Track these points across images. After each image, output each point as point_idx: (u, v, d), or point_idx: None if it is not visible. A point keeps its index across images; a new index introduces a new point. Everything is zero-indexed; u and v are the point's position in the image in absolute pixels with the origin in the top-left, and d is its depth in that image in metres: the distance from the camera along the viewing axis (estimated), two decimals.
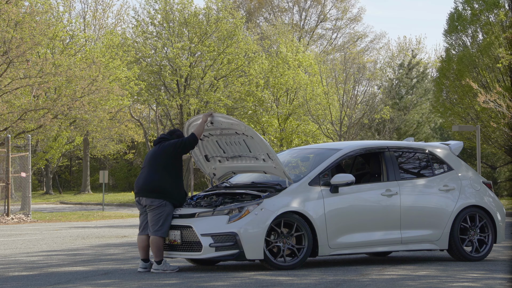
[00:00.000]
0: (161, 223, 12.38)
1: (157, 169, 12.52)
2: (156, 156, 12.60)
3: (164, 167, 12.52)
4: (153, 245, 12.38)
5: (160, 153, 12.59)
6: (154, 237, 12.38)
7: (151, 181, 12.50)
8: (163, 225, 12.39)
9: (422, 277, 11.48)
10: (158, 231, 12.36)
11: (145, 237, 12.54)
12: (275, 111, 52.37)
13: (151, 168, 12.58)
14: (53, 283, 11.41)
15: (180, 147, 12.63)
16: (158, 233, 12.36)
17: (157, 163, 12.55)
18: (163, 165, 12.51)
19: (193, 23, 52.81)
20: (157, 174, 12.50)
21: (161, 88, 54.77)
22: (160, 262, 12.41)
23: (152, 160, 12.62)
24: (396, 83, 56.19)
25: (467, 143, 38.26)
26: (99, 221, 30.93)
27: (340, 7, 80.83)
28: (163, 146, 12.65)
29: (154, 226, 12.39)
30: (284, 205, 12.42)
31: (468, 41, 38.62)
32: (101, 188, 66.98)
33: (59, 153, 55.07)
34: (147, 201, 12.48)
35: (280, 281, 11.15)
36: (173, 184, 12.53)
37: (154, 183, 12.47)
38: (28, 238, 21.19)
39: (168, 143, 12.66)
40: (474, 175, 14.21)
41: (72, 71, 39.59)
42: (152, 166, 12.58)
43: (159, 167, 12.51)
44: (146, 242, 12.52)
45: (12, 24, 35.73)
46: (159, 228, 12.37)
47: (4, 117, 36.31)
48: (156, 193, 12.44)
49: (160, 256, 12.40)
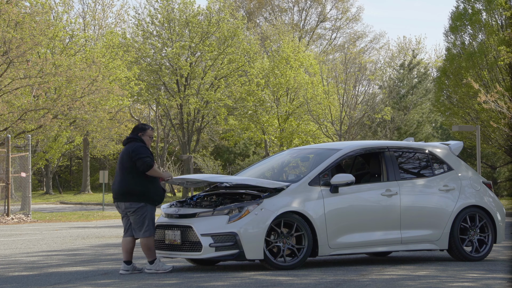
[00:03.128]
0: (146, 224, 12.34)
1: (126, 172, 12.38)
2: (123, 160, 12.46)
3: (131, 170, 12.34)
4: (144, 247, 12.36)
5: (125, 157, 12.41)
6: (143, 239, 12.33)
7: (124, 185, 12.37)
8: (148, 225, 12.35)
9: (422, 277, 11.48)
10: (145, 232, 12.31)
11: (129, 239, 12.48)
12: (275, 111, 52.37)
13: (121, 172, 12.45)
14: (53, 283, 11.41)
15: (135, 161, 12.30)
16: (146, 234, 12.31)
17: (124, 167, 12.41)
18: (129, 168, 12.35)
19: (194, 23, 52.82)
20: (127, 178, 12.35)
21: (161, 88, 54.77)
22: (152, 262, 12.38)
23: (120, 164, 12.50)
24: (397, 83, 56.19)
25: (467, 143, 38.25)
26: (99, 221, 30.93)
27: (340, 7, 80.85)
28: (127, 150, 12.42)
29: (140, 228, 12.34)
30: (284, 205, 12.41)
31: (469, 40, 38.63)
32: (101, 188, 66.99)
33: (59, 153, 55.02)
34: (126, 205, 12.41)
35: (280, 281, 11.15)
36: (145, 184, 12.35)
37: (127, 187, 12.35)
38: (28, 238, 21.19)
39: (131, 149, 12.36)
40: (474, 175, 14.21)
41: (72, 71, 39.59)
42: (122, 170, 12.45)
43: (127, 170, 12.37)
44: (130, 244, 12.46)
45: (12, 24, 35.75)
46: (146, 229, 12.32)
47: (4, 117, 36.31)
48: (132, 196, 12.34)
49: (152, 256, 12.38)
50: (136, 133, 12.65)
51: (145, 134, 12.65)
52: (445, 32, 39.69)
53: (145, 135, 12.64)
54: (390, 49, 75.26)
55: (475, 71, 36.69)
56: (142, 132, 12.64)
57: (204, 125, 55.99)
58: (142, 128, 12.68)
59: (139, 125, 12.78)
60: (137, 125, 12.83)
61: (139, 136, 12.61)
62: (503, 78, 36.22)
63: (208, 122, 55.67)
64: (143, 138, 12.61)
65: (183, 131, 54.94)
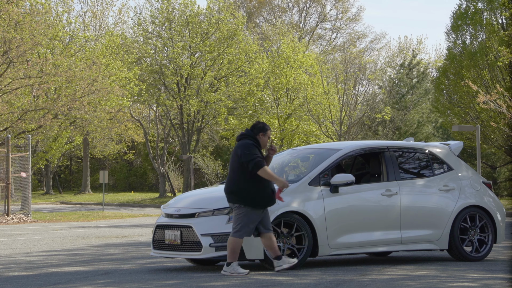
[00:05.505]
0: (238, 224, 11.89)
1: (233, 171, 12.07)
2: (233, 157, 12.17)
3: (238, 169, 12.03)
4: (229, 245, 11.89)
5: (234, 155, 12.11)
6: (230, 238, 11.93)
7: (229, 184, 12.07)
8: (242, 227, 11.87)
9: (422, 277, 11.48)
10: (236, 232, 11.90)
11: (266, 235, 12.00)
12: (275, 111, 52.37)
13: (230, 170, 12.16)
14: (53, 283, 11.41)
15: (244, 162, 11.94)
16: (236, 234, 11.89)
17: (232, 165, 12.11)
18: (236, 167, 12.04)
19: (194, 23, 52.81)
20: (234, 177, 12.05)
21: (161, 88, 54.75)
22: (230, 264, 11.92)
23: (230, 161, 12.21)
24: (397, 83, 56.19)
25: (467, 143, 38.26)
26: (99, 221, 30.93)
27: (340, 7, 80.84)
28: (238, 148, 12.09)
29: (234, 227, 11.95)
30: (284, 205, 12.41)
31: (470, 40, 38.64)
32: (101, 188, 66.97)
33: (59, 153, 55.06)
34: (230, 204, 12.12)
35: (280, 281, 11.15)
36: (249, 185, 11.93)
37: (231, 187, 12.03)
38: (28, 238, 21.19)
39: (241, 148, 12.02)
40: (474, 175, 14.21)
41: (72, 71, 39.60)
42: (231, 168, 12.16)
43: (234, 169, 12.06)
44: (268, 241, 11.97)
45: (12, 24, 35.75)
46: (238, 229, 11.89)
47: (4, 117, 36.32)
48: (233, 196, 12.01)
49: (233, 258, 11.89)
50: (256, 132, 12.21)
51: (265, 135, 12.22)
52: (446, 31, 39.72)
53: (265, 136, 12.21)
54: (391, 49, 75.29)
55: (476, 71, 36.70)
56: (263, 133, 12.20)
57: (204, 125, 55.99)
58: (263, 128, 12.22)
59: (261, 124, 12.29)
60: (258, 123, 12.31)
61: (254, 135, 12.21)
62: (503, 78, 36.23)
63: (208, 122, 55.66)
64: (262, 138, 12.19)
65: (183, 131, 54.93)
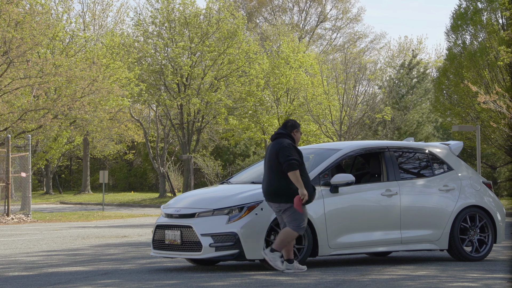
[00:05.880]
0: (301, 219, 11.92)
1: (273, 172, 12.02)
2: (270, 158, 12.10)
3: (278, 169, 11.99)
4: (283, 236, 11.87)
5: (273, 155, 12.06)
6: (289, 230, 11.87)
7: (271, 185, 12.00)
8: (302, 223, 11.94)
9: (422, 277, 11.48)
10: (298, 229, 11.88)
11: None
12: (275, 111, 52.36)
13: (269, 171, 12.11)
14: (53, 283, 11.40)
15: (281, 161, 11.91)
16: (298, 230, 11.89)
17: (271, 166, 12.06)
18: (276, 167, 12.00)
19: (194, 23, 52.80)
20: (275, 178, 11.98)
21: (162, 88, 54.75)
22: (273, 250, 11.91)
23: (267, 162, 12.15)
24: (397, 83, 56.19)
25: (467, 143, 38.26)
26: (99, 221, 30.93)
27: (340, 7, 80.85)
28: (275, 147, 12.07)
29: (293, 224, 11.92)
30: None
31: (470, 40, 38.64)
32: (101, 188, 66.97)
33: (59, 153, 55.04)
34: (275, 205, 12.06)
35: (280, 281, 11.14)
36: (288, 185, 11.92)
37: (274, 188, 11.97)
38: (28, 238, 21.19)
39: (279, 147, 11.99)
40: (474, 175, 14.20)
41: (72, 71, 39.59)
42: (269, 168, 12.10)
43: (274, 169, 12.02)
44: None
45: (12, 24, 35.75)
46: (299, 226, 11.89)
47: (4, 117, 36.32)
48: (280, 197, 11.95)
49: (281, 248, 11.92)
50: (289, 129, 12.22)
51: (298, 131, 12.29)
52: (446, 31, 39.71)
53: (298, 132, 12.29)
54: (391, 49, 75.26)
55: (476, 71, 36.70)
56: (297, 129, 12.25)
57: (204, 125, 55.99)
58: (295, 125, 12.25)
59: (292, 121, 12.29)
60: (289, 121, 12.30)
61: (290, 133, 12.24)
62: (503, 78, 36.23)
63: (208, 122, 55.66)
64: (296, 135, 12.26)
65: (183, 131, 54.93)
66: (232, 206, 12.34)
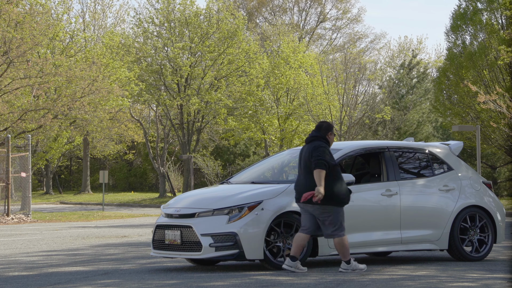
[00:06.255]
0: (335, 224, 11.96)
1: (310, 173, 12.00)
2: (306, 160, 12.12)
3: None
4: (338, 246, 11.96)
5: (308, 156, 12.08)
6: (336, 239, 11.97)
7: (309, 187, 11.98)
8: (339, 226, 11.98)
9: (422, 277, 11.48)
10: (336, 232, 11.96)
11: (306, 237, 12.08)
12: (275, 111, 52.36)
13: (305, 173, 12.11)
14: (53, 283, 11.40)
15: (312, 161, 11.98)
16: (336, 234, 11.96)
17: (308, 167, 12.05)
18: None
19: (194, 24, 52.80)
20: (312, 179, 11.96)
21: (162, 88, 54.75)
22: (349, 262, 12.03)
23: (303, 164, 12.15)
24: (397, 83, 56.20)
25: (467, 143, 38.26)
26: (99, 221, 30.93)
27: (340, 7, 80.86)
28: (310, 150, 12.11)
29: (329, 229, 11.99)
30: (284, 205, 12.41)
31: (469, 40, 38.64)
32: (101, 188, 66.97)
33: (59, 153, 55.06)
34: (312, 207, 12.04)
35: (280, 281, 11.15)
36: (330, 185, 11.97)
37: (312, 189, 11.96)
38: (28, 238, 21.19)
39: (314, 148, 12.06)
40: (474, 175, 14.20)
41: (72, 71, 39.59)
42: (305, 170, 12.10)
43: (311, 171, 12.01)
44: (304, 242, 12.07)
45: (12, 24, 35.75)
46: (336, 229, 11.95)
47: (4, 117, 36.32)
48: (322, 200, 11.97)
49: (347, 256, 12.02)
50: (324, 132, 12.27)
51: (332, 133, 12.35)
52: (446, 31, 39.72)
53: (332, 135, 12.35)
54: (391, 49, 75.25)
55: (476, 71, 36.70)
56: (330, 131, 12.32)
57: (204, 125, 55.99)
58: (329, 127, 12.32)
59: (326, 123, 12.37)
60: (323, 123, 12.39)
61: (325, 136, 12.28)
62: (503, 78, 36.23)
63: (208, 122, 55.67)
64: (330, 137, 12.31)
65: (183, 131, 54.93)
66: (232, 206, 12.35)
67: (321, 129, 12.32)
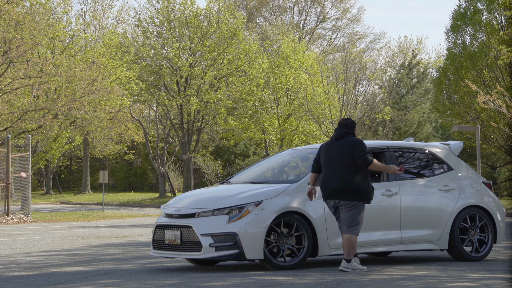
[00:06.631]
0: (356, 221, 12.10)
1: (345, 169, 12.12)
2: (341, 156, 12.18)
3: (350, 166, 12.12)
4: (347, 242, 12.07)
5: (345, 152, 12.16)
6: (348, 236, 12.07)
7: (343, 182, 12.09)
8: (358, 223, 12.12)
9: (422, 277, 11.48)
10: (354, 230, 12.06)
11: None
12: (275, 111, 52.36)
13: (338, 168, 12.18)
14: (53, 283, 11.40)
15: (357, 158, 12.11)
16: (354, 232, 12.05)
17: (342, 163, 12.14)
18: (348, 164, 12.12)
19: (194, 23, 52.80)
20: (347, 175, 12.10)
21: (161, 88, 54.75)
22: (349, 260, 12.11)
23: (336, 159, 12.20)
24: (397, 83, 56.19)
25: (467, 143, 38.26)
26: (99, 221, 30.93)
27: (339, 7, 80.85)
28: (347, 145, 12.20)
29: (349, 224, 12.10)
30: (284, 205, 12.41)
31: (469, 40, 38.64)
32: (101, 188, 66.97)
33: (59, 153, 55.06)
34: (341, 202, 12.15)
35: (280, 281, 11.14)
36: (364, 182, 12.17)
37: (346, 185, 12.07)
38: (28, 238, 21.19)
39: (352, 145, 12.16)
40: (474, 175, 14.20)
41: (72, 71, 39.60)
42: (339, 166, 12.17)
43: (347, 167, 12.13)
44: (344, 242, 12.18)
45: (12, 24, 35.75)
46: (355, 226, 12.08)
47: (4, 117, 36.32)
48: (351, 194, 12.07)
49: (351, 254, 12.08)
50: (351, 128, 12.40)
51: (356, 129, 12.59)
52: (446, 31, 39.73)
53: (356, 131, 12.57)
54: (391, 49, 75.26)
55: (476, 71, 36.70)
56: (355, 127, 12.51)
57: (204, 125, 55.99)
58: (355, 124, 12.51)
59: (350, 120, 12.51)
60: (348, 120, 12.51)
61: (353, 131, 12.43)
62: (503, 78, 36.23)
63: (208, 122, 55.67)
64: (355, 133, 12.52)
65: (183, 131, 54.93)
66: (232, 206, 12.34)
67: (348, 126, 12.44)
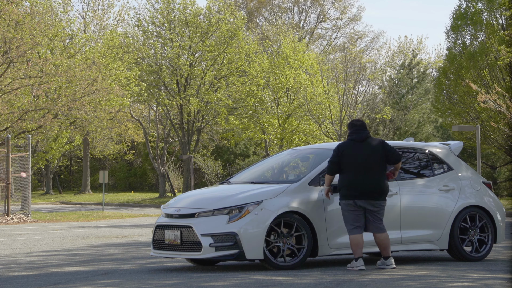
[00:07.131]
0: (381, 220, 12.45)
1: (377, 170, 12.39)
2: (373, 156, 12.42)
3: (381, 167, 12.45)
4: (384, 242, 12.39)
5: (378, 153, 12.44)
6: (382, 235, 12.39)
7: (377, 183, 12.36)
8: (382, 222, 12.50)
9: (422, 277, 11.48)
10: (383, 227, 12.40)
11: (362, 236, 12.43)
12: (275, 111, 52.35)
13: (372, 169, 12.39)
14: (53, 283, 11.40)
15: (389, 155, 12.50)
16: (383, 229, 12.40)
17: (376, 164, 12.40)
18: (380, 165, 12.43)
19: (194, 23, 52.80)
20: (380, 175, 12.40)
21: (161, 88, 54.75)
22: (387, 258, 12.53)
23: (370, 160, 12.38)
24: (397, 83, 56.19)
25: (467, 143, 38.26)
26: (99, 221, 30.93)
27: (339, 6, 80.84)
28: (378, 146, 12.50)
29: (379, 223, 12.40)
30: (284, 205, 12.41)
31: (470, 40, 38.65)
32: (101, 188, 66.97)
33: (59, 153, 55.06)
34: (371, 202, 12.37)
35: (280, 281, 11.14)
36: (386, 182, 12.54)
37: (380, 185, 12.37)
38: (28, 238, 21.19)
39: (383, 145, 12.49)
40: (474, 175, 14.20)
41: (72, 71, 39.59)
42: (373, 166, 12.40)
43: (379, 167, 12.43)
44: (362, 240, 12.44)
45: (12, 24, 35.76)
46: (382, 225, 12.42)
47: (4, 117, 36.32)
48: (382, 195, 12.40)
49: (388, 252, 12.49)
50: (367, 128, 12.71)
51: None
52: (446, 31, 39.74)
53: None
54: (391, 49, 75.26)
55: (476, 71, 36.71)
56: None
57: (204, 125, 55.99)
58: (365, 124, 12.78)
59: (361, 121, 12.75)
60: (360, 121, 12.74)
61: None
62: (503, 78, 36.24)
63: (208, 122, 55.66)
64: None
65: (183, 131, 54.93)
66: (232, 206, 12.34)
67: (364, 127, 12.67)
